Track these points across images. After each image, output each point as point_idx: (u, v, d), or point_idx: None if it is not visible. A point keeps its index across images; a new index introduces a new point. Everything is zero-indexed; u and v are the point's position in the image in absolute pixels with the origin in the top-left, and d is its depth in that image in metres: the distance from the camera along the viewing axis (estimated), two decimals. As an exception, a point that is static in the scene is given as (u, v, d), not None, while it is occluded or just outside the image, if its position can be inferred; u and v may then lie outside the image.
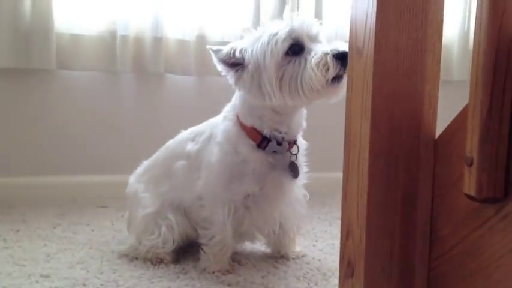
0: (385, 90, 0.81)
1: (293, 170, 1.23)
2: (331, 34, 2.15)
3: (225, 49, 1.17)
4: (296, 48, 1.11)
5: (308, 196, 1.38)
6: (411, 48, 0.81)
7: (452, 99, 1.82)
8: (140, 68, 1.99)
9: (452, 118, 0.79)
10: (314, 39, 1.13)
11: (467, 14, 2.27)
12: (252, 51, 1.14)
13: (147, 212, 1.33)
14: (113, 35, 1.93)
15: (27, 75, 1.93)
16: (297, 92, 1.09)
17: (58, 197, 1.93)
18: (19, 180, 1.95)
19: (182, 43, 2.01)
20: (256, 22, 2.01)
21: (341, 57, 1.06)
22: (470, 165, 0.67)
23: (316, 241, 1.56)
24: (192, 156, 1.30)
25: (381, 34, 0.79)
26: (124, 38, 1.93)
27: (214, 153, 1.23)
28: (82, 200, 1.94)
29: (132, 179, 1.44)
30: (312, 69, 1.06)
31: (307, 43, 1.11)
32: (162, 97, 2.08)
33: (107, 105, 2.03)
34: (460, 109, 0.76)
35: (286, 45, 1.10)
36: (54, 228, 1.60)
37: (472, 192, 0.67)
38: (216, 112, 1.34)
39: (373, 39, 0.79)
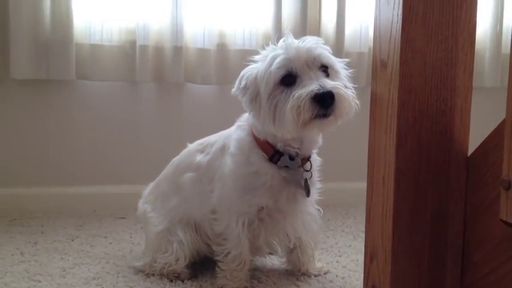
0: (411, 105, 0.76)
1: (305, 187, 1.19)
2: (354, 34, 2.09)
3: (236, 82, 1.17)
4: (289, 79, 1.07)
5: (322, 211, 1.33)
6: (440, 60, 0.76)
7: (483, 107, 1.76)
8: (160, 77, 1.96)
9: (483, 128, 0.74)
10: (312, 65, 1.08)
11: (499, 14, 2.16)
12: (253, 76, 1.12)
13: (157, 230, 1.30)
14: (132, 45, 1.91)
15: (47, 86, 1.92)
16: (284, 125, 1.06)
17: (77, 208, 1.92)
18: (39, 190, 1.94)
19: (202, 52, 1.98)
20: (278, 28, 1.97)
21: (320, 99, 1.01)
22: (508, 189, 0.61)
23: (340, 256, 1.50)
24: (202, 168, 1.27)
25: (407, 45, 0.74)
26: (143, 47, 1.90)
27: (227, 164, 1.20)
28: (101, 211, 1.92)
29: (140, 201, 1.42)
30: (287, 113, 1.04)
31: (301, 73, 1.07)
32: (182, 107, 2.06)
33: (126, 115, 2.01)
34: (492, 118, 0.70)
35: (279, 76, 1.07)
36: (73, 240, 1.58)
37: (510, 219, 0.61)
38: (237, 120, 1.31)
39: (399, 50, 0.74)
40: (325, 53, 1.11)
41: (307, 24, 2.01)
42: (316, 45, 1.10)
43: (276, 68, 1.07)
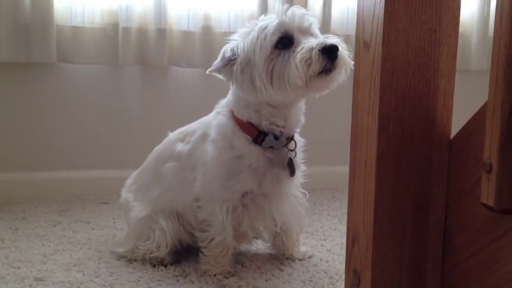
0: (394, 87, 0.74)
1: (290, 167, 1.18)
2: (341, 16, 2.07)
3: (218, 58, 1.15)
4: (285, 41, 1.07)
5: (307, 195, 1.32)
6: (424, 41, 0.74)
7: (470, 90, 1.75)
8: (144, 60, 1.93)
9: (469, 111, 0.72)
10: (305, 31, 1.09)
11: (486, -2, 2.16)
12: (242, 46, 1.10)
13: (139, 217, 1.29)
14: (115, 27, 1.87)
15: (27, 69, 1.88)
16: (285, 86, 1.06)
17: (60, 193, 1.89)
18: (20, 176, 1.91)
19: (187, 34, 1.95)
20: (264, 10, 1.94)
21: (328, 51, 1.03)
22: (489, 172, 0.60)
23: (325, 240, 1.50)
24: (183, 157, 1.25)
25: (389, 26, 0.72)
26: (126, 30, 1.87)
27: (208, 151, 1.18)
28: (85, 196, 1.90)
29: (123, 190, 1.40)
30: (296, 66, 1.03)
31: (297, 36, 1.08)
32: (166, 90, 2.03)
33: (109, 98, 1.98)
34: (478, 102, 0.69)
35: (275, 38, 1.07)
36: (54, 226, 1.56)
37: (491, 202, 0.60)
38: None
39: (382, 31, 0.72)
40: (315, 22, 1.13)
41: (292, 5, 1.97)
42: (308, 13, 1.12)
43: (273, 32, 1.06)
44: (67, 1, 1.85)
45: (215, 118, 1.21)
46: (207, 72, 1.17)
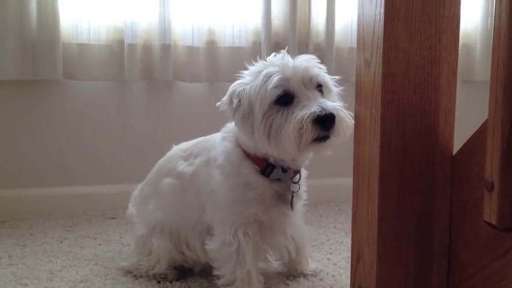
0: (395, 104, 0.75)
1: (291, 201, 1.16)
2: (345, 29, 2.07)
3: (226, 97, 1.12)
4: (286, 99, 1.04)
5: (305, 213, 1.32)
6: (424, 59, 0.75)
7: (474, 100, 1.75)
8: (149, 76, 1.94)
9: (474, 122, 0.72)
10: (309, 85, 1.06)
11: (490, 8, 2.15)
12: (247, 92, 1.08)
13: (140, 234, 1.29)
14: (120, 43, 1.89)
15: (34, 86, 1.90)
16: (280, 146, 1.04)
17: (67, 209, 1.90)
18: (28, 191, 1.92)
19: (191, 50, 1.96)
20: (268, 24, 1.96)
21: (322, 121, 0.99)
22: (491, 190, 0.60)
23: (331, 254, 1.49)
24: (185, 179, 1.24)
25: (389, 44, 0.73)
26: (132, 46, 1.89)
27: (215, 178, 1.16)
28: (91, 211, 1.90)
29: (130, 203, 1.41)
30: (288, 135, 1.00)
31: (298, 92, 1.04)
32: (172, 105, 2.04)
33: (115, 114, 2.00)
34: (483, 111, 0.69)
35: (275, 95, 1.03)
36: (61, 242, 1.57)
37: (493, 221, 0.60)
38: (227, 119, 1.29)
39: (381, 50, 0.73)
40: (321, 72, 1.09)
41: (296, 20, 1.99)
42: (312, 64, 1.08)
43: (273, 87, 1.03)
44: (73, 19, 1.87)
45: (221, 144, 1.18)
46: (216, 105, 1.14)
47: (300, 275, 1.32)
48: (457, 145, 0.78)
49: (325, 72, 1.11)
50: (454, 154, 0.77)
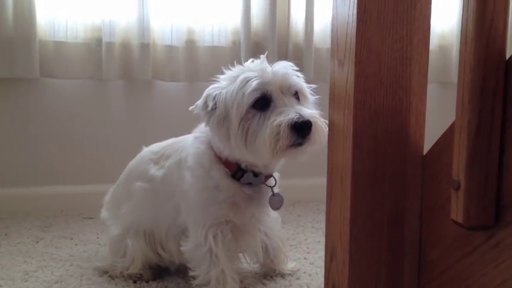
0: (367, 104, 0.76)
1: (279, 201, 1.16)
2: (324, 30, 2.08)
3: (201, 101, 1.12)
4: (263, 103, 1.04)
5: (280, 218, 1.34)
6: (395, 60, 0.76)
7: (451, 101, 1.77)
8: (127, 75, 1.93)
9: (450, 123, 0.73)
10: (287, 91, 1.06)
11: (465, 12, 2.20)
12: (224, 97, 1.07)
13: (113, 235, 1.29)
14: (98, 42, 1.87)
15: (10, 84, 1.87)
16: (256, 151, 1.03)
17: (44, 209, 1.88)
18: (3, 191, 1.89)
19: (170, 49, 1.96)
20: (247, 24, 1.96)
21: (299, 128, 0.99)
22: (457, 189, 0.62)
23: (308, 253, 1.50)
24: (157, 182, 1.23)
25: (362, 45, 0.74)
26: (110, 44, 1.87)
27: (186, 180, 1.16)
28: (69, 211, 1.88)
29: (103, 207, 1.40)
30: (264, 140, 1.00)
31: (276, 97, 1.04)
32: (150, 104, 2.03)
33: (93, 113, 1.98)
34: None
35: (252, 98, 1.03)
36: (37, 242, 1.55)
37: (460, 219, 0.61)
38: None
39: (354, 50, 0.74)
40: (299, 80, 1.10)
41: (276, 20, 2.00)
42: (291, 72, 1.09)
43: (251, 91, 1.03)
44: (50, 16, 1.85)
45: (192, 145, 1.18)
46: (190, 109, 1.14)
47: (278, 275, 1.32)
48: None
49: (303, 81, 1.12)
50: (424, 154, 0.78)
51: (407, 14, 0.75)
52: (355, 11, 0.74)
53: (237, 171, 1.13)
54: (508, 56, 0.59)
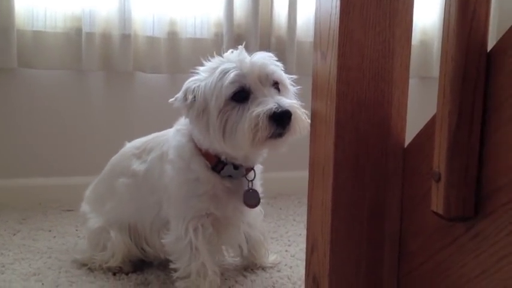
0: (350, 96, 0.76)
1: (254, 198, 1.15)
2: (307, 23, 2.08)
3: (180, 93, 1.10)
4: (242, 95, 1.02)
5: (263, 212, 1.33)
6: (378, 52, 0.76)
7: (432, 96, 1.79)
8: (108, 66, 1.91)
9: (430, 117, 0.74)
10: (265, 82, 1.05)
11: (447, 6, 2.22)
12: (202, 89, 1.06)
13: (94, 227, 1.27)
14: (78, 32, 1.84)
15: (-13, 74, 1.84)
16: (236, 143, 1.03)
17: (22, 201, 1.85)
18: (-20, 183, 1.86)
19: (152, 40, 1.94)
20: (230, 16, 1.95)
21: (278, 118, 0.98)
22: (438, 180, 0.62)
23: (289, 246, 1.51)
24: (139, 176, 1.22)
25: (345, 37, 0.74)
26: (90, 35, 1.84)
27: (167, 173, 1.15)
28: (47, 204, 1.86)
29: (83, 201, 1.39)
30: (243, 132, 0.99)
31: (255, 89, 1.03)
32: (131, 96, 2.01)
33: (73, 104, 1.95)
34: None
35: (231, 91, 1.02)
36: (14, 235, 1.52)
37: (440, 210, 0.62)
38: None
39: (337, 42, 0.74)
40: (278, 70, 1.09)
41: (259, 12, 1.99)
42: (269, 61, 1.08)
43: (229, 83, 1.02)
44: (28, 5, 1.81)
45: (174, 138, 1.17)
46: (169, 101, 1.12)
47: (259, 268, 1.32)
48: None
49: (283, 70, 1.11)
50: (405, 147, 0.79)
51: (390, 6, 0.75)
52: (338, 3, 0.73)
53: (217, 164, 1.12)
54: (489, 48, 0.60)
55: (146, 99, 2.01)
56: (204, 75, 1.09)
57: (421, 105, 1.48)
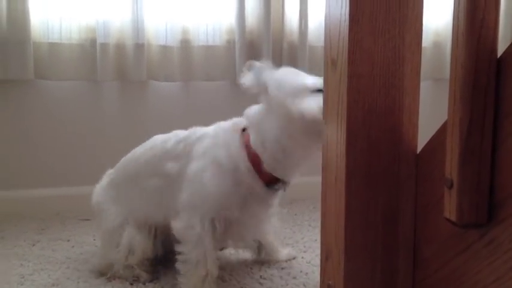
0: (361, 104, 0.76)
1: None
2: (319, 28, 2.08)
3: (254, 72, 1.13)
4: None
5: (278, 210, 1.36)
6: (388, 59, 0.76)
7: (445, 97, 1.77)
8: (122, 75, 1.93)
9: (444, 119, 0.73)
10: None
11: (459, 8, 2.21)
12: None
13: (112, 225, 1.29)
14: (92, 43, 1.87)
15: (4, 86, 1.86)
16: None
17: (40, 211, 1.88)
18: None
19: (165, 49, 1.96)
20: (242, 23, 1.96)
21: None
22: (450, 187, 0.62)
23: (305, 252, 1.51)
24: (173, 176, 1.22)
25: (354, 45, 0.74)
26: (104, 45, 1.87)
27: (206, 164, 1.15)
28: (65, 213, 1.88)
29: (97, 190, 1.40)
30: None
31: None
32: (145, 105, 2.03)
33: (88, 114, 1.98)
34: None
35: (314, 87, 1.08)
36: (33, 245, 1.55)
37: (453, 217, 0.62)
38: (202, 119, 1.31)
39: (347, 50, 0.74)
40: None
41: (270, 18, 2.00)
42: None
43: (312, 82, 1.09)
44: (44, 17, 1.84)
45: (225, 142, 1.17)
46: (241, 79, 1.15)
47: (275, 263, 1.38)
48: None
49: None
50: (418, 153, 0.78)
51: (399, 12, 0.75)
52: (347, 10, 0.74)
53: (270, 181, 1.15)
54: (499, 54, 0.59)
55: (160, 107, 2.03)
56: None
57: (435, 108, 1.47)
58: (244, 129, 1.17)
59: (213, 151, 1.16)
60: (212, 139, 1.19)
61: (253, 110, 1.17)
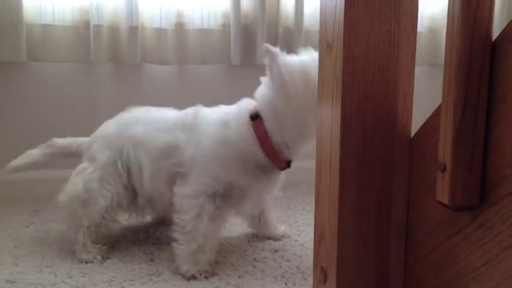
0: (356, 87, 0.76)
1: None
2: (315, 12, 2.06)
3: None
4: None
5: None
6: (383, 42, 0.75)
7: (441, 83, 1.77)
8: (116, 58, 1.92)
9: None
10: None
11: (456, -7, 2.20)
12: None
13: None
14: (86, 24, 1.85)
15: (-3, 68, 1.86)
16: None
17: (34, 193, 1.88)
18: (-7, 176, 1.89)
19: (159, 32, 1.94)
20: (237, 6, 1.95)
21: None
22: (443, 171, 0.62)
23: (299, 235, 1.52)
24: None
25: (350, 28, 0.73)
26: (98, 27, 1.85)
27: (217, 132, 1.19)
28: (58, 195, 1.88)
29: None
30: None
31: None
32: (140, 88, 2.02)
33: (82, 97, 1.96)
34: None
35: None
36: (27, 227, 1.55)
37: (445, 200, 0.62)
38: (197, 102, 1.32)
39: (342, 33, 0.74)
40: None
41: (265, 2, 1.99)
42: None
43: None
44: (36, -1, 1.83)
45: (236, 118, 1.20)
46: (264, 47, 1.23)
47: (270, 239, 1.46)
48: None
49: None
50: (411, 137, 0.79)
51: (395, -5, 0.75)
52: (343, -7, 0.73)
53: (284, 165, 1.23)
54: (493, 38, 0.59)
55: (154, 90, 2.02)
56: None
57: (430, 93, 1.48)
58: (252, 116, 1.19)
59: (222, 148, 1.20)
60: (221, 130, 1.21)
61: (265, 95, 1.19)
